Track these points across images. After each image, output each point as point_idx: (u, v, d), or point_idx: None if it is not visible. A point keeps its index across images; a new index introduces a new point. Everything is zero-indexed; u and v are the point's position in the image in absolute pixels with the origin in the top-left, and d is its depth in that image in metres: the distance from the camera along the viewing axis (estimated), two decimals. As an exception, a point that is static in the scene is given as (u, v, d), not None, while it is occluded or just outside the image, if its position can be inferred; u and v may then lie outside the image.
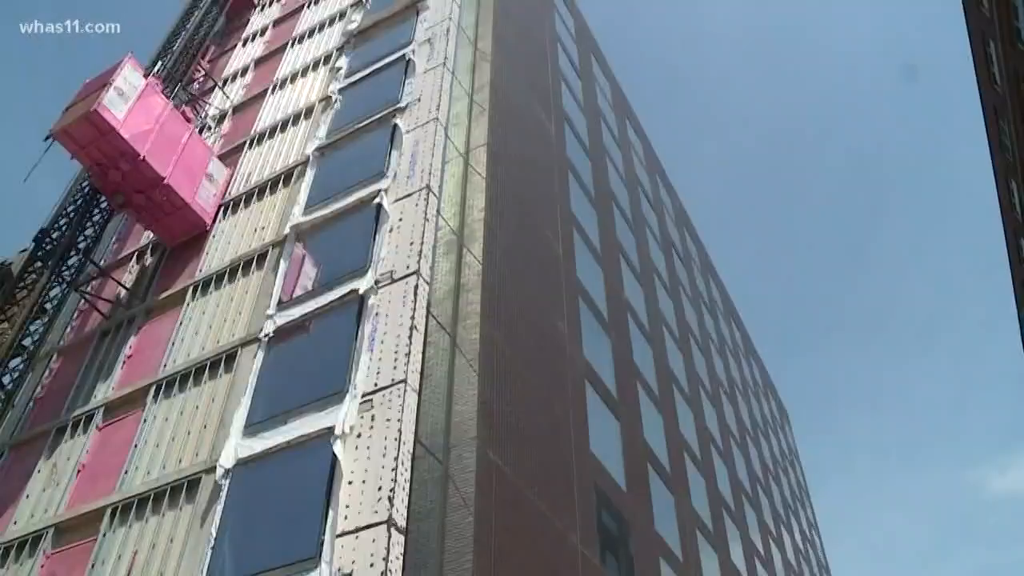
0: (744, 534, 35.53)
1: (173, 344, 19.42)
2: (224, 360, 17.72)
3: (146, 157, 21.22)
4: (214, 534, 14.34)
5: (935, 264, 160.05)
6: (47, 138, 21.38)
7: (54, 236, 22.43)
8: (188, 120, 24.93)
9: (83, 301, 23.66)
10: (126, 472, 17.20)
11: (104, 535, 16.26)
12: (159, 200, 21.97)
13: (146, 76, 22.89)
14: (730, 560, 31.65)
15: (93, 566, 15.90)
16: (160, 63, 28.61)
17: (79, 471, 18.26)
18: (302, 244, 19.18)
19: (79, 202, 23.28)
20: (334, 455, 13.59)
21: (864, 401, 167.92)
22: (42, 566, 16.86)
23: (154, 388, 18.48)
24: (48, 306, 21.98)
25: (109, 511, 16.56)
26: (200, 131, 26.52)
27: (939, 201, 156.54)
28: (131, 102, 21.31)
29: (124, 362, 20.27)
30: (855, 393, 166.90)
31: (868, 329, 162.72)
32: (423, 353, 15.00)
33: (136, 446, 17.58)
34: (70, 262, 22.58)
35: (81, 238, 22.97)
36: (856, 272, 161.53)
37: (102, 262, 24.83)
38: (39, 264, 21.79)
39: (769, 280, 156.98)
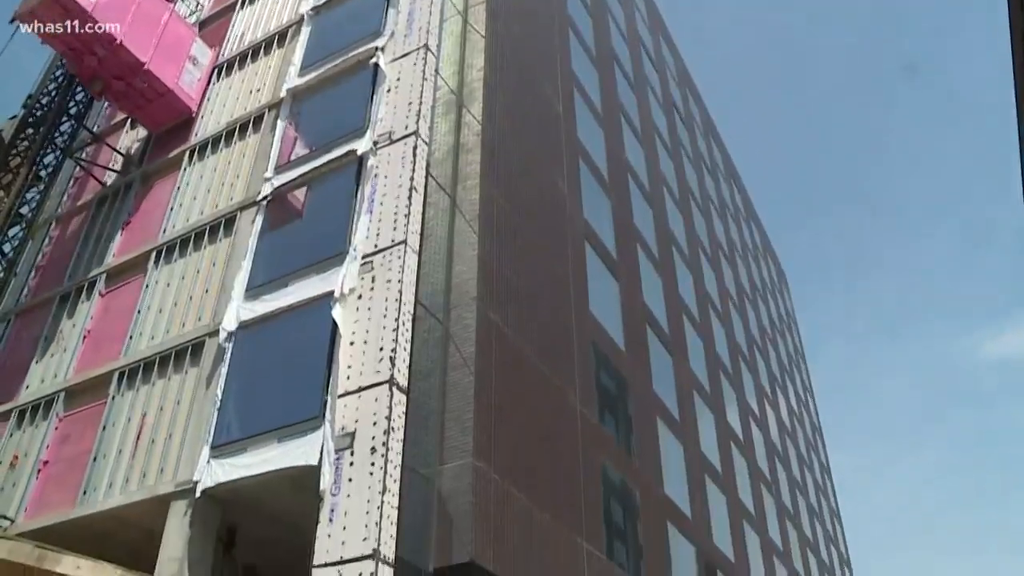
0: (740, 396, 36.26)
1: (172, 209, 19.30)
2: (223, 224, 17.65)
3: (123, 41, 20.02)
4: (219, 396, 14.58)
5: (949, 140, 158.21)
6: (12, 20, 20.05)
7: (43, 102, 21.97)
8: (168, -1, 23.56)
9: (79, 168, 23.38)
10: (131, 338, 17.36)
11: (113, 398, 16.55)
12: (140, 87, 20.92)
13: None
14: (726, 421, 32.41)
15: (104, 428, 16.24)
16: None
17: (85, 337, 18.44)
18: (299, 106, 18.83)
19: (61, 80, 22.64)
20: (335, 317, 13.68)
21: (861, 270, 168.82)
22: (56, 428, 17.23)
23: (154, 254, 18.47)
24: (43, 173, 21.68)
25: (116, 375, 16.80)
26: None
27: (957, 77, 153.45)
28: (102, -22, 19.85)
29: (123, 229, 20.19)
30: (854, 261, 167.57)
31: (873, 200, 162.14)
32: (423, 214, 14.91)
33: (139, 312, 17.69)
34: (62, 128, 22.15)
35: (72, 103, 22.49)
36: (866, 143, 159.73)
37: (95, 128, 24.42)
38: (30, 131, 21.42)
39: (775, 145, 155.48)
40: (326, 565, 11.73)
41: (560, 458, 17.23)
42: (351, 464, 12.28)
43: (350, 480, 12.16)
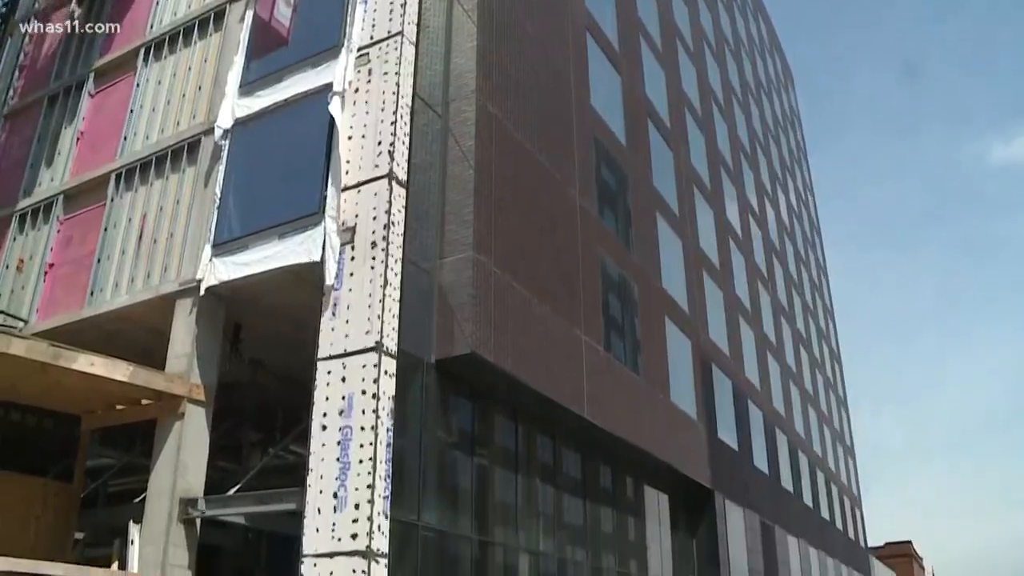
0: (740, 192, 36.20)
1: (157, 4, 18.54)
2: (213, 18, 16.98)
3: None
4: (219, 194, 14.54)
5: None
6: None
7: None
8: None
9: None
10: (125, 138, 17.11)
11: (112, 200, 16.50)
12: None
13: None
14: (725, 216, 32.49)
15: (106, 230, 16.28)
16: None
17: (78, 139, 18.17)
18: None
19: None
20: (332, 111, 13.41)
21: (871, 65, 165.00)
22: (58, 231, 17.28)
23: (143, 50, 17.90)
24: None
25: (114, 176, 16.68)
26: None
27: None
28: None
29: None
30: (861, 56, 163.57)
31: None
32: (419, 4, 14.36)
33: (132, 111, 17.34)
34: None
35: None
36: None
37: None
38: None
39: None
40: (330, 358, 12.05)
41: (560, 252, 17.36)
42: (352, 259, 12.39)
43: (351, 274, 12.30)
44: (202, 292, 13.90)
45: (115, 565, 13.00)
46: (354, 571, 10.73)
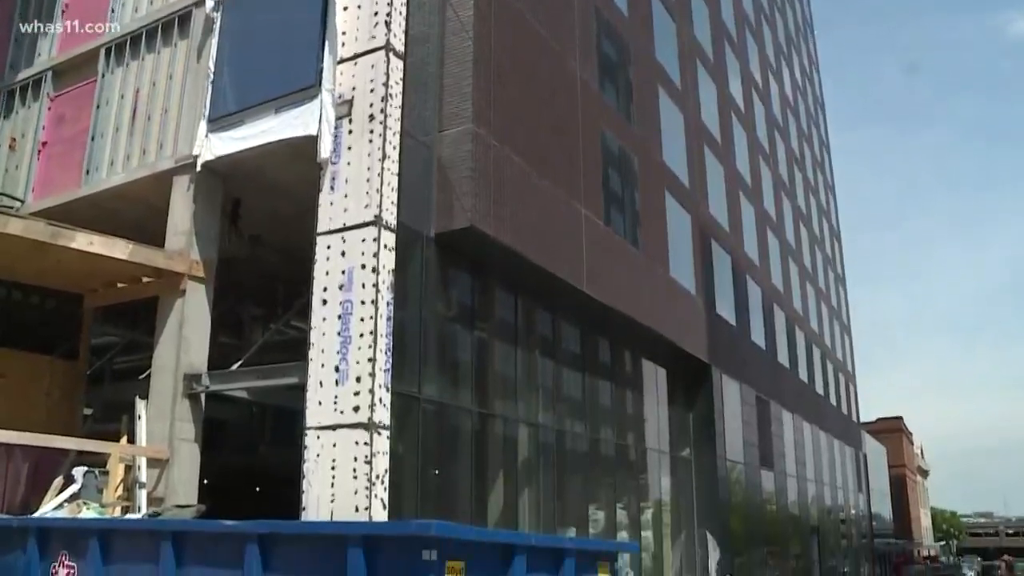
0: (744, 65, 35.54)
1: None
2: None
3: None
4: (212, 68, 14.22)
5: None
6: None
7: None
8: None
9: None
10: (113, 10, 16.63)
11: (103, 76, 16.16)
12: None
13: None
14: (727, 90, 31.98)
15: (98, 107, 16.01)
16: None
17: (63, 12, 17.66)
18: None
19: None
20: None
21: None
22: (49, 108, 17.01)
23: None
24: None
25: (103, 51, 16.28)
26: None
27: None
28: None
29: None
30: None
31: None
32: None
33: (118, -19, 16.84)
34: None
35: None
36: None
37: None
38: None
39: None
40: (329, 232, 12.02)
41: (560, 125, 17.14)
42: (350, 132, 12.22)
43: (349, 148, 12.16)
44: (199, 168, 13.76)
45: (124, 440, 13.26)
46: (356, 443, 10.96)
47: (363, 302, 11.36)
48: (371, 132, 12.00)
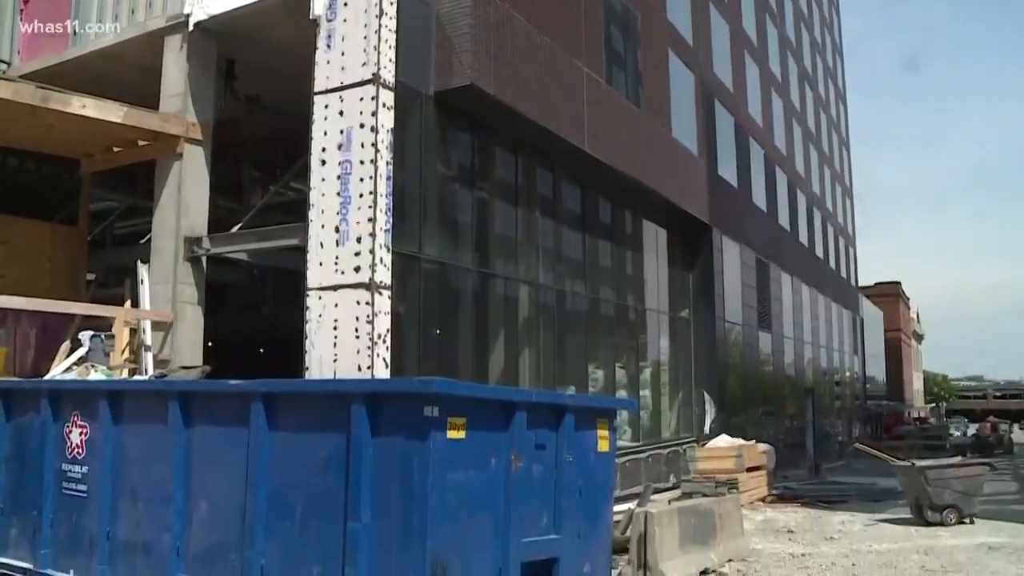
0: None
1: None
2: None
3: None
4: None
5: None
6: None
7: None
8: None
9: None
10: None
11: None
12: None
13: None
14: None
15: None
16: None
17: None
18: None
19: None
20: None
21: None
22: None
23: None
24: None
25: (84, -97, 15.67)
26: None
27: None
28: None
29: None
30: None
31: None
32: None
33: None
34: None
35: None
36: None
37: None
38: None
39: None
40: (327, 91, 11.82)
41: (560, -20, 16.64)
42: (345, -13, 11.86)
43: (345, 4, 11.86)
44: (191, 27, 13.44)
45: (127, 304, 13.39)
46: (358, 303, 11.06)
47: (362, 162, 11.27)
48: (367, -13, 11.65)
